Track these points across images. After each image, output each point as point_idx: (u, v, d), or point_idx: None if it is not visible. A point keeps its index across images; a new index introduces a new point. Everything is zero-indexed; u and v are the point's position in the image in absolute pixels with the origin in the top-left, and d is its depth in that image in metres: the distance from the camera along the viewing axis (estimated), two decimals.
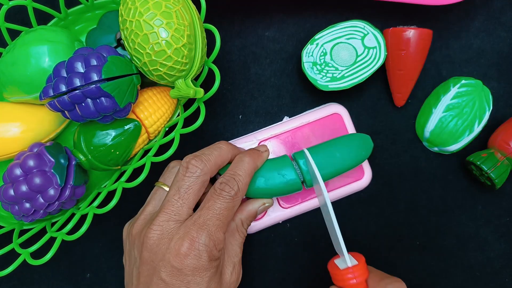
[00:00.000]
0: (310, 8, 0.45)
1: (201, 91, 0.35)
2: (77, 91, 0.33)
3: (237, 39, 0.45)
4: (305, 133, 0.41)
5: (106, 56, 0.35)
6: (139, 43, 0.33)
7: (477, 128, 0.41)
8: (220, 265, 0.32)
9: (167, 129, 0.42)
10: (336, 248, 0.34)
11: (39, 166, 0.35)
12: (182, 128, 0.38)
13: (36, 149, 0.37)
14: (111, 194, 0.38)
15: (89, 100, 0.34)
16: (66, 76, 0.34)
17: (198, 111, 0.38)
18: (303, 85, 0.44)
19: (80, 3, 0.43)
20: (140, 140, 0.40)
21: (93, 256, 0.44)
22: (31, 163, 0.35)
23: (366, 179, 0.41)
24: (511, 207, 0.43)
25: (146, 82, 0.40)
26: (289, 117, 0.43)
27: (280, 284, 0.43)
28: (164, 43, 0.32)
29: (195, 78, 0.39)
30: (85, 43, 0.41)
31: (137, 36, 0.32)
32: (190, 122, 0.38)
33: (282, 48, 0.45)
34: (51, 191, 0.35)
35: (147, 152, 0.41)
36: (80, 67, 0.34)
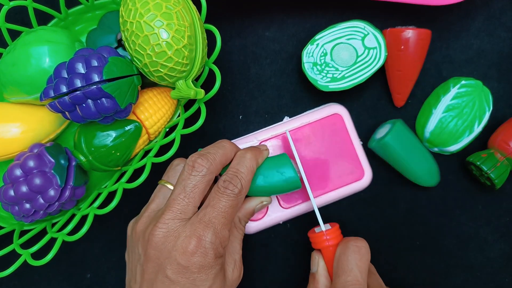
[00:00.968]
0: (310, 8, 0.45)
1: (202, 92, 0.35)
2: (78, 92, 0.33)
3: (237, 39, 0.45)
4: (305, 133, 0.41)
5: (107, 57, 0.35)
6: (139, 44, 0.33)
7: (477, 129, 0.41)
8: (224, 262, 0.32)
9: (168, 129, 0.42)
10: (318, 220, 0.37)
11: (39, 167, 0.35)
12: (183, 128, 0.38)
13: (36, 150, 0.37)
14: (111, 195, 0.38)
15: (90, 101, 0.34)
16: (67, 77, 0.34)
17: (199, 111, 0.38)
18: (304, 85, 0.44)
19: (80, 4, 0.43)
20: (140, 140, 0.39)
21: (93, 256, 0.44)
22: (31, 163, 0.35)
23: (366, 179, 0.41)
24: (511, 207, 0.43)
25: (146, 83, 0.40)
26: (290, 117, 0.43)
27: (280, 284, 0.43)
28: (165, 44, 0.32)
29: (195, 79, 0.39)
30: (85, 44, 0.41)
31: (138, 37, 0.32)
32: (190, 123, 0.38)
33: (282, 48, 0.45)
34: (51, 191, 0.35)
35: (147, 152, 0.41)
36: (81, 68, 0.34)
